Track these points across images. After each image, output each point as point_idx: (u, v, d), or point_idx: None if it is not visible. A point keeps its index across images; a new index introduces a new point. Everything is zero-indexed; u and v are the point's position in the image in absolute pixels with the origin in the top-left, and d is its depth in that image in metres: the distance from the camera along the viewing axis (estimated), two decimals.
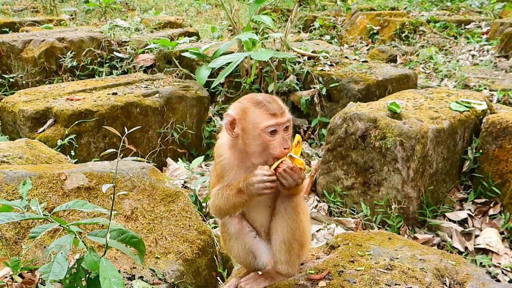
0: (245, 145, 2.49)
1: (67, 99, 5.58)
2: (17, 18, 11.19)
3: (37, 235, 2.56)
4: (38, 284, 3.05)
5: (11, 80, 7.34)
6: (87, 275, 2.64)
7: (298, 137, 2.49)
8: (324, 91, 6.37)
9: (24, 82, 7.32)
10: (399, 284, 2.45)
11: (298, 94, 6.54)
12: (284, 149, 2.42)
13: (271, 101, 2.46)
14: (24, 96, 5.67)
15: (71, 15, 12.87)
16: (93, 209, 2.76)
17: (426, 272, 2.56)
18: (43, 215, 2.70)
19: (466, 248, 4.50)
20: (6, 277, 3.05)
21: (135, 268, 3.43)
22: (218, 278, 3.54)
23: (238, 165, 2.56)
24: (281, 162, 2.41)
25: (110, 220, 2.66)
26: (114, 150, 2.78)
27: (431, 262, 2.67)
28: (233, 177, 2.56)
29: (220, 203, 2.56)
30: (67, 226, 2.63)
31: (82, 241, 2.64)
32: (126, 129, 2.69)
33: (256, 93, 2.60)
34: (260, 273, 2.64)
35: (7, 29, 9.33)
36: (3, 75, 7.28)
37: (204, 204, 4.55)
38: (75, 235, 2.59)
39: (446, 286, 2.49)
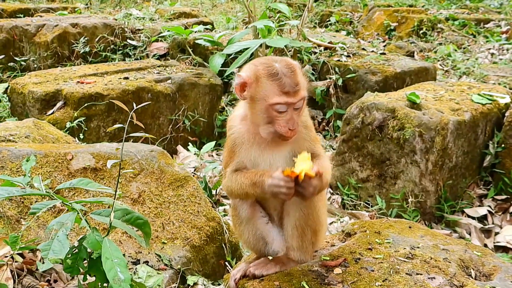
0: (251, 113, 2.34)
1: (78, 82, 5.47)
2: (32, 5, 11.12)
3: (38, 211, 2.45)
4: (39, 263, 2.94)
5: (23, 64, 7.25)
6: (89, 256, 2.51)
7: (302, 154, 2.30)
8: (340, 82, 6.20)
9: (35, 66, 7.22)
10: (421, 274, 2.28)
11: (314, 85, 6.38)
12: (289, 129, 2.25)
13: (288, 74, 2.25)
14: (34, 78, 5.57)
15: (86, 4, 12.80)
16: (97, 188, 2.63)
17: (450, 262, 2.40)
18: (46, 192, 2.57)
19: (485, 245, 4.32)
20: (6, 257, 2.93)
21: (141, 252, 3.31)
22: (227, 264, 3.40)
23: (248, 139, 2.40)
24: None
25: (114, 199, 2.53)
26: (122, 125, 2.65)
27: (455, 253, 2.50)
28: (244, 154, 2.40)
29: (233, 186, 2.41)
30: (69, 204, 2.50)
31: (85, 220, 2.51)
32: (135, 115, 2.54)
33: (277, 57, 2.42)
34: (270, 258, 2.49)
35: (22, 15, 9.26)
36: (15, 58, 7.19)
37: (214, 192, 4.41)
38: (78, 212, 2.46)
39: (472, 277, 2.33)
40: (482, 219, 4.57)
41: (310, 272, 2.32)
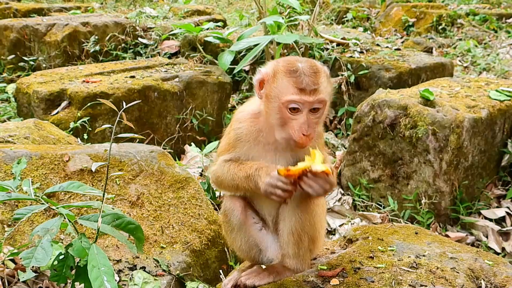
0: (266, 114, 2.20)
1: (83, 81, 5.39)
2: (46, 4, 11.12)
3: (22, 217, 2.34)
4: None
5: (33, 63, 7.20)
6: (77, 263, 2.39)
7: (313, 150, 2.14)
8: (352, 79, 6.00)
9: (45, 65, 7.17)
10: (426, 285, 2.11)
11: None
12: (303, 135, 2.10)
13: (309, 74, 2.10)
14: (39, 78, 5.50)
15: (101, 3, 12.79)
16: (86, 192, 2.51)
17: (458, 272, 2.21)
18: (35, 195, 2.46)
19: (503, 249, 4.12)
20: None
21: (138, 257, 3.19)
22: (221, 271, 3.25)
23: (255, 138, 2.26)
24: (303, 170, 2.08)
25: (102, 202, 2.41)
26: (110, 125, 2.54)
27: (464, 262, 2.31)
28: (245, 151, 2.27)
29: (223, 176, 2.29)
30: (56, 208, 2.39)
31: (73, 225, 2.39)
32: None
33: (305, 58, 2.30)
34: (264, 266, 2.33)
35: (35, 15, 9.24)
36: (23, 58, 7.15)
37: (217, 193, 4.26)
38: (64, 217, 2.35)
39: None
40: (500, 221, 4.37)
41: (305, 283, 2.16)
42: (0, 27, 7.32)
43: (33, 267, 2.90)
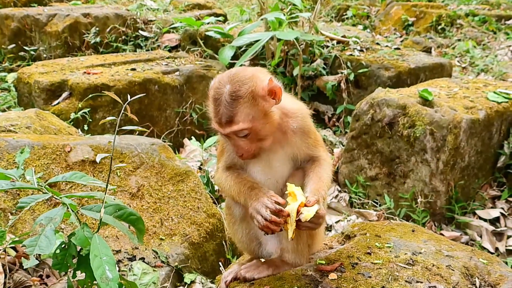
0: None
1: (84, 72, 5.41)
2: None
3: (26, 205, 2.37)
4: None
5: (34, 53, 7.20)
6: (79, 252, 2.42)
7: (289, 187, 2.14)
8: (352, 77, 6.04)
9: (45, 56, 7.17)
10: (421, 282, 2.16)
11: (325, 79, 6.23)
12: (238, 155, 2.18)
13: (227, 103, 2.06)
14: (41, 68, 5.52)
15: None
16: (90, 182, 2.54)
17: (453, 270, 2.26)
18: (38, 185, 2.49)
19: (496, 249, 4.18)
20: None
21: (137, 249, 3.23)
22: (220, 264, 3.30)
23: None
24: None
25: (105, 193, 2.44)
26: (114, 118, 2.57)
27: (459, 260, 2.36)
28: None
29: (222, 185, 2.36)
30: (60, 198, 2.42)
31: (76, 215, 2.43)
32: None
33: (247, 71, 2.20)
34: (263, 260, 2.37)
35: (36, 5, 9.21)
36: (24, 47, 7.15)
37: (216, 187, 4.30)
38: (68, 207, 2.38)
39: (476, 287, 2.19)
40: (494, 221, 4.43)
41: (303, 277, 2.21)
42: (1, 16, 7.30)
43: (34, 254, 2.94)
